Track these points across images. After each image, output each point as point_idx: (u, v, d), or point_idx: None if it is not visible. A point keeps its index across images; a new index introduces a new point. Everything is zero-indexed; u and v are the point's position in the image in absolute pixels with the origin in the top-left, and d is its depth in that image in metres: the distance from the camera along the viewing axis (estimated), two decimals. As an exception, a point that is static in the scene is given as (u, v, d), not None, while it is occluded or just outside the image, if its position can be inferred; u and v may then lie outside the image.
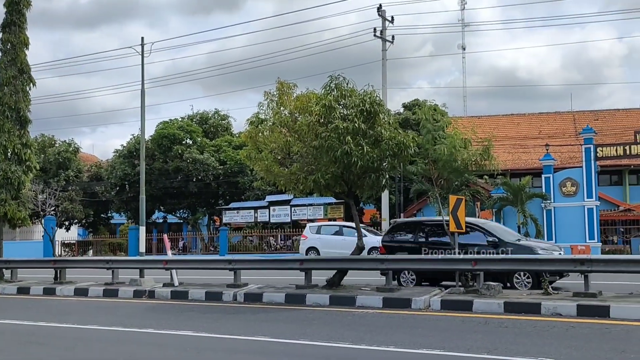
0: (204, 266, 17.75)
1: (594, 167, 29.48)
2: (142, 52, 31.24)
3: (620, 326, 9.45)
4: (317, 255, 24.17)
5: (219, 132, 44.56)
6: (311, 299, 13.13)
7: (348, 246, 18.28)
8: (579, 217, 28.88)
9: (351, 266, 14.79)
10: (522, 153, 40.71)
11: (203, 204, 42.11)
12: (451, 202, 13.80)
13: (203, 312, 12.37)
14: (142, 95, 31.36)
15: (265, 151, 14.57)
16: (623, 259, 12.30)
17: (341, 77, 13.98)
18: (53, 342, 9.40)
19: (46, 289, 16.89)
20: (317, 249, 25.19)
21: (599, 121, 41.65)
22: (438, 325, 10.16)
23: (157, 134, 40.90)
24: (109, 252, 39.77)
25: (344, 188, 14.59)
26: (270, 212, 36.42)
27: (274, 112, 14.63)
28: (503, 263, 13.17)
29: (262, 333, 9.39)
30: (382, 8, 33.73)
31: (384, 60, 33.92)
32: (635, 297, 11.40)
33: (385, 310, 11.89)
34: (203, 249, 39.42)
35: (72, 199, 40.00)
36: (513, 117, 47.32)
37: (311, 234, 26.35)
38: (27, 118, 20.99)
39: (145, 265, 17.79)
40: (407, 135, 13.88)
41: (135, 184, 37.64)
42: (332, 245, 24.07)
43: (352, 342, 8.42)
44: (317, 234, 26.16)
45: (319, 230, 26.58)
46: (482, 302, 11.51)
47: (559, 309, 10.76)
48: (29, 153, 20.95)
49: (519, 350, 7.61)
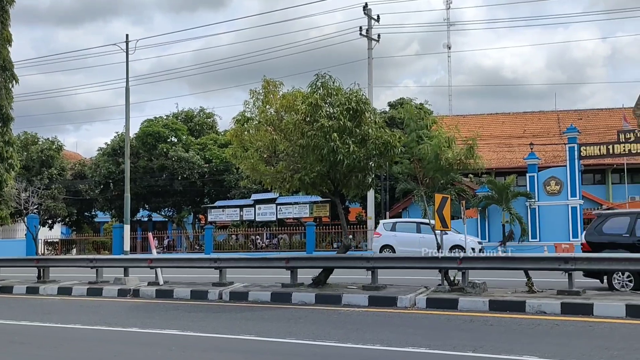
0: (189, 265, 17.67)
1: (578, 166, 29.74)
2: (127, 49, 30.99)
3: (603, 324, 9.54)
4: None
5: (205, 130, 44.43)
6: (297, 298, 13.12)
7: (427, 244, 16.81)
8: (563, 215, 29.14)
9: (337, 265, 14.80)
10: (507, 152, 41.00)
11: (188, 202, 41.95)
12: (437, 200, 13.85)
13: (188, 311, 12.31)
14: (126, 92, 31.14)
15: (251, 150, 14.53)
16: (606, 257, 12.42)
17: (327, 76, 13.98)
18: (37, 342, 9.30)
19: (29, 288, 16.73)
20: (393, 247, 24.18)
21: (582, 120, 42.03)
22: (424, 324, 10.20)
23: (141, 131, 40.66)
24: (93, 250, 39.46)
25: (330, 187, 14.59)
26: (255, 211, 36.35)
27: (260, 111, 14.59)
28: (489, 262, 13.25)
29: (248, 332, 9.36)
30: (368, 7, 33.81)
31: (370, 58, 33.98)
32: (618, 295, 11.51)
33: (371, 308, 11.90)
34: (188, 248, 39.27)
35: (55, 197, 39.67)
36: (498, 116, 47.63)
37: (385, 231, 25.32)
38: (10, 115, 20.76)
39: (130, 264, 17.69)
40: (393, 135, 13.92)
41: (119, 182, 37.40)
42: (409, 243, 22.75)
43: (338, 340, 8.41)
44: (392, 232, 25.11)
45: (394, 227, 25.52)
46: (468, 300, 11.56)
47: (544, 307, 10.83)
48: (11, 151, 20.71)
49: (504, 348, 7.65)
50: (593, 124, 41.28)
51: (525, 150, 35.18)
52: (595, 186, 40.36)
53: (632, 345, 7.94)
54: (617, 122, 37.10)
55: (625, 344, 8.06)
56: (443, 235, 14.68)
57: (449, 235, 20.59)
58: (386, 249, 24.29)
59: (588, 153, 29.76)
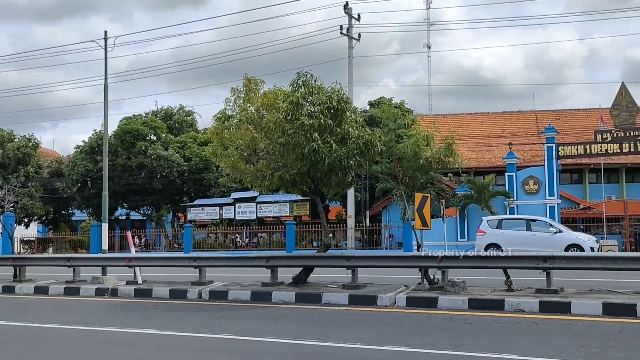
0: (169, 264, 17.55)
1: (556, 166, 30.03)
2: (106, 46, 30.65)
3: (580, 322, 9.63)
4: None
5: (184, 129, 44.17)
6: (277, 297, 13.09)
7: (540, 244, 16.01)
8: (541, 214, 29.36)
9: (317, 263, 14.79)
10: (486, 151, 41.27)
11: (167, 200, 41.65)
12: (417, 199, 13.90)
13: (167, 310, 12.22)
14: (105, 90, 30.81)
15: (231, 148, 14.47)
16: (584, 256, 12.60)
17: (309, 74, 13.96)
18: (13, 341, 9.17)
19: (5, 287, 16.50)
20: (499, 246, 22.24)
21: (560, 121, 42.45)
22: (404, 322, 10.22)
23: (120, 129, 40.28)
24: (70, 249, 39.06)
25: (310, 185, 14.57)
26: (235, 209, 36.20)
27: (241, 109, 14.53)
28: (468, 261, 13.30)
29: (228, 331, 9.31)
30: (349, 6, 33.85)
31: (351, 57, 34.04)
32: (595, 294, 11.64)
33: (351, 307, 11.90)
34: (167, 246, 38.99)
35: (31, 195, 39.12)
36: (477, 115, 47.94)
37: (490, 228, 23.62)
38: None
39: (108, 262, 17.52)
40: (373, 134, 13.95)
41: (97, 180, 37.00)
42: (519, 242, 21.25)
43: (318, 339, 8.40)
44: (498, 229, 23.42)
45: (500, 224, 23.78)
46: (447, 299, 11.62)
47: (522, 305, 10.92)
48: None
49: (483, 347, 7.69)
50: (571, 124, 41.72)
51: (504, 150, 35.44)
52: (572, 186, 40.82)
53: (608, 343, 8.03)
54: (594, 123, 37.53)
55: (601, 341, 8.14)
56: (557, 234, 13.91)
57: (564, 233, 19.89)
58: (492, 248, 22.28)
59: (566, 153, 30.05)
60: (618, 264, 12.04)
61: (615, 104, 29.23)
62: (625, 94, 29.13)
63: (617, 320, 9.77)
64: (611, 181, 40.87)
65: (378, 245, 32.71)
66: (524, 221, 23.84)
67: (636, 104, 29.01)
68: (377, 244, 32.62)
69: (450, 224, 29.34)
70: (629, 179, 41.76)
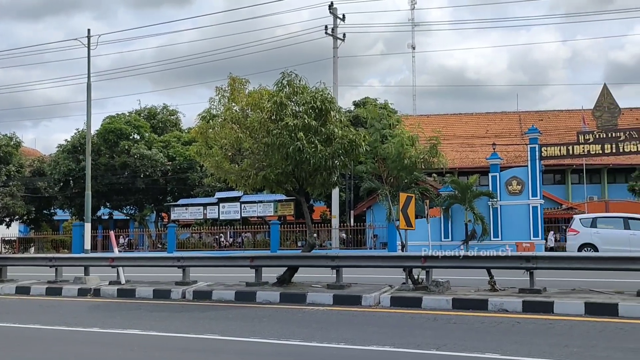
0: (152, 263, 17.44)
1: (539, 167, 30.24)
2: (89, 44, 30.38)
3: (563, 321, 9.69)
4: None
5: (168, 128, 43.98)
6: (261, 297, 13.05)
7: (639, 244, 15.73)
8: (524, 215, 29.57)
9: (301, 263, 14.76)
10: (470, 152, 41.52)
11: (151, 200, 41.42)
12: (401, 199, 13.92)
13: (151, 311, 12.13)
14: (88, 88, 30.55)
15: (215, 147, 14.40)
16: (566, 256, 12.68)
17: (293, 74, 13.94)
18: (-7, 343, 9.05)
19: (-15, 288, 16.30)
20: (595, 246, 21.46)
21: (543, 121, 42.84)
22: (388, 322, 10.23)
23: (103, 128, 40.00)
24: (52, 249, 38.73)
25: (294, 185, 14.56)
26: (219, 209, 36.08)
27: (226, 108, 14.48)
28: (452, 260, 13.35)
29: (212, 331, 9.27)
30: (334, 6, 33.87)
31: (335, 57, 34.07)
32: (577, 293, 11.72)
33: (335, 307, 11.90)
34: (150, 246, 38.78)
35: (13, 195, 38.78)
36: (461, 116, 48.24)
37: (584, 227, 22.63)
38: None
39: (91, 262, 17.37)
40: (358, 134, 13.97)
41: (79, 180, 36.72)
42: (618, 242, 20.57)
43: (303, 339, 8.38)
44: (593, 228, 22.43)
45: (594, 223, 22.77)
46: (431, 298, 11.65)
47: (505, 305, 10.97)
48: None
49: (467, 346, 7.72)
50: (553, 125, 42.11)
51: (487, 150, 35.65)
52: (555, 186, 41.20)
53: (590, 342, 8.08)
54: (577, 124, 37.92)
55: (583, 341, 8.21)
56: None
57: None
58: (586, 248, 21.65)
59: (549, 154, 30.26)
60: (600, 264, 12.18)
61: (597, 106, 29.49)
62: (607, 95, 29.40)
63: (599, 319, 9.84)
64: (593, 182, 41.30)
65: (362, 245, 32.76)
66: (621, 219, 22.81)
67: (618, 106, 29.30)
68: (361, 244, 32.67)
69: (434, 224, 29.44)
70: (611, 179, 42.23)
